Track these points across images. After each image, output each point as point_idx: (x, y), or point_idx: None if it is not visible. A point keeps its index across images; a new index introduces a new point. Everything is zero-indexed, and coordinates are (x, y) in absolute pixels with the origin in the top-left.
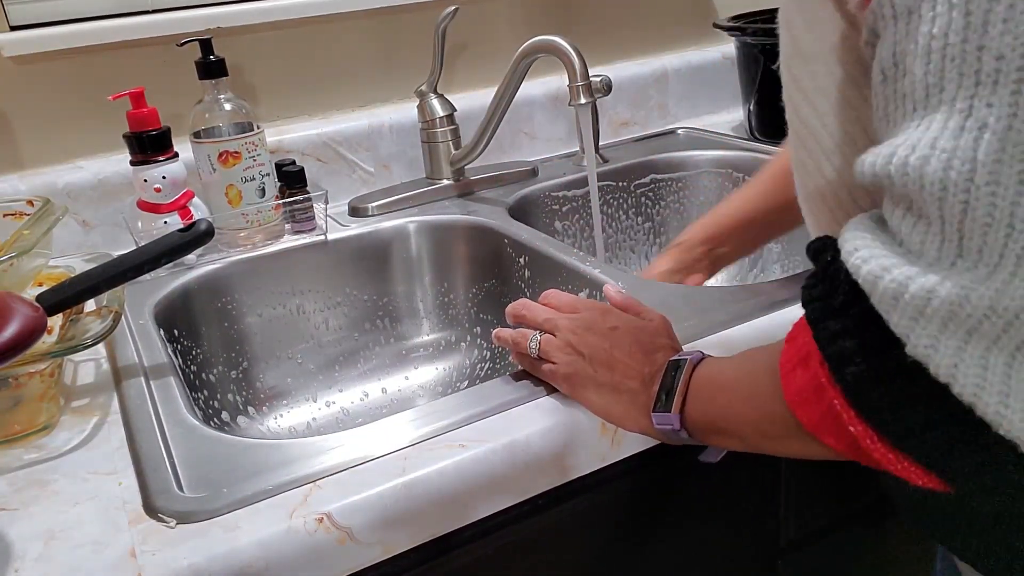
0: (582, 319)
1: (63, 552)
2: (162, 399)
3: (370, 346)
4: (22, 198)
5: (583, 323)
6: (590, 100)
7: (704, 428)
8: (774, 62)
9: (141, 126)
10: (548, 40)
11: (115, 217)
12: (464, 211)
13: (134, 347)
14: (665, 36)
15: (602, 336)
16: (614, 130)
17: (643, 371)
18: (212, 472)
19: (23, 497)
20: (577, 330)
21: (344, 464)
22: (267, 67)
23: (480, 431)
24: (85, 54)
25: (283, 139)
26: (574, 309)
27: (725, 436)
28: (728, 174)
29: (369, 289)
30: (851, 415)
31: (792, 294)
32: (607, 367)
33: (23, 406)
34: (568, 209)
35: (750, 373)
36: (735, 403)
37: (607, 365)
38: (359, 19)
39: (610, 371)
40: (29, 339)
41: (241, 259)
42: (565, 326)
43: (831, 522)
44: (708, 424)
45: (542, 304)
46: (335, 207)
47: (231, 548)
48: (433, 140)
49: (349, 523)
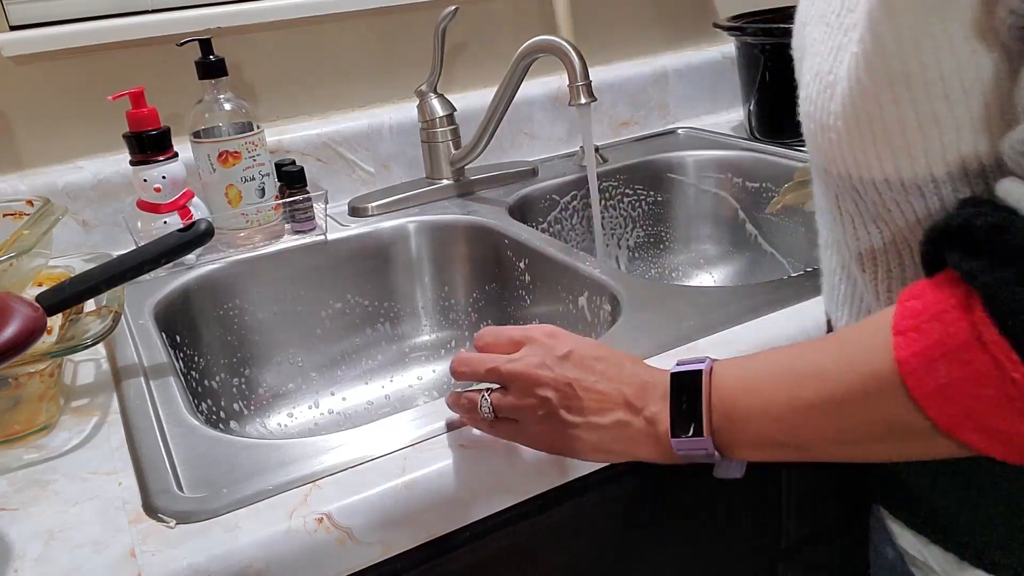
0: (529, 357)
1: (63, 552)
2: (162, 399)
3: (370, 346)
4: (22, 198)
5: (532, 361)
6: (590, 100)
7: (744, 444)
8: (774, 62)
9: (141, 126)
10: (548, 40)
11: (115, 217)
12: (464, 211)
13: (134, 347)
14: (665, 36)
15: (558, 367)
16: (614, 130)
17: (623, 392)
18: (212, 472)
19: (23, 497)
20: (528, 372)
21: (344, 464)
22: (267, 67)
23: (480, 431)
24: (85, 54)
25: (283, 139)
26: (514, 345)
27: (774, 449)
28: (728, 177)
29: (369, 289)
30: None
31: (792, 294)
32: (578, 403)
33: (23, 406)
34: (568, 209)
35: (813, 372)
36: (795, 410)
37: (577, 400)
38: (359, 19)
39: (584, 407)
40: (29, 339)
41: (241, 259)
42: (513, 371)
43: (833, 524)
44: (751, 439)
45: (479, 349)
46: (335, 207)
47: (231, 548)
48: (433, 140)
49: (349, 523)
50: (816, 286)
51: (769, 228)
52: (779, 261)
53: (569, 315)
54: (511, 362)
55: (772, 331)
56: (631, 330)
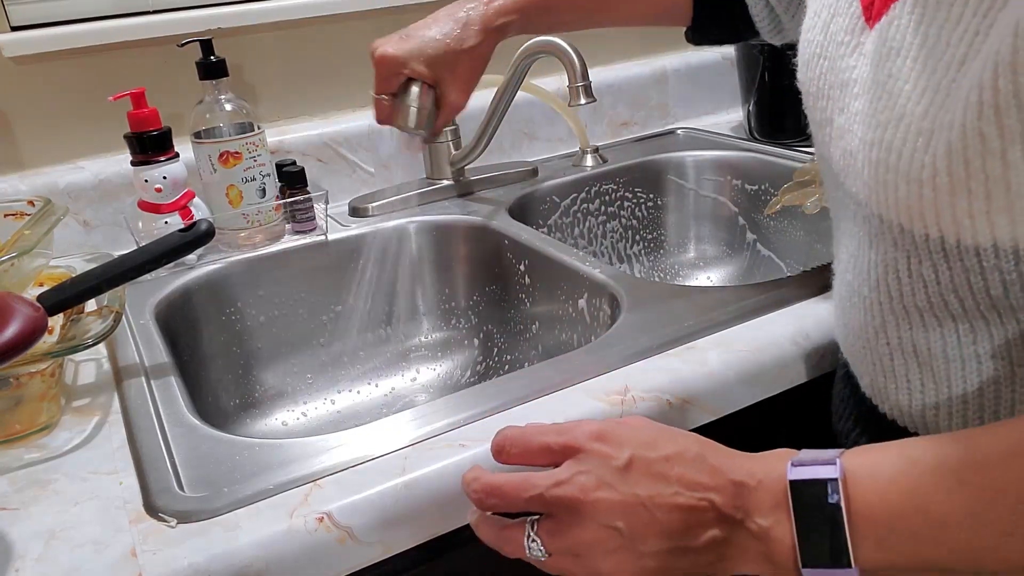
0: (580, 476)
1: (64, 552)
2: (163, 399)
3: (370, 346)
4: (23, 198)
5: (586, 482)
6: (590, 101)
7: (898, 568)
8: (773, 63)
9: (142, 126)
10: (548, 40)
11: (116, 217)
12: (464, 211)
13: (135, 347)
14: (665, 36)
15: (623, 484)
16: (614, 130)
17: (713, 501)
18: (212, 472)
19: (24, 497)
20: (585, 498)
21: (344, 464)
22: (267, 67)
23: (480, 431)
24: (86, 54)
25: (283, 139)
26: (551, 455)
27: (936, 573)
28: (727, 180)
29: (369, 289)
30: None
31: (792, 294)
32: (657, 526)
33: (24, 406)
34: (569, 214)
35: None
36: (978, 528)
37: (656, 524)
38: (359, 19)
39: (667, 529)
40: (30, 339)
41: (241, 259)
42: (564, 498)
43: None
44: (910, 566)
45: (502, 462)
46: (335, 207)
47: (231, 548)
48: (433, 140)
49: (349, 523)
50: (816, 286)
51: (768, 233)
52: (776, 264)
53: (569, 315)
54: (558, 485)
55: (772, 331)
56: (631, 330)
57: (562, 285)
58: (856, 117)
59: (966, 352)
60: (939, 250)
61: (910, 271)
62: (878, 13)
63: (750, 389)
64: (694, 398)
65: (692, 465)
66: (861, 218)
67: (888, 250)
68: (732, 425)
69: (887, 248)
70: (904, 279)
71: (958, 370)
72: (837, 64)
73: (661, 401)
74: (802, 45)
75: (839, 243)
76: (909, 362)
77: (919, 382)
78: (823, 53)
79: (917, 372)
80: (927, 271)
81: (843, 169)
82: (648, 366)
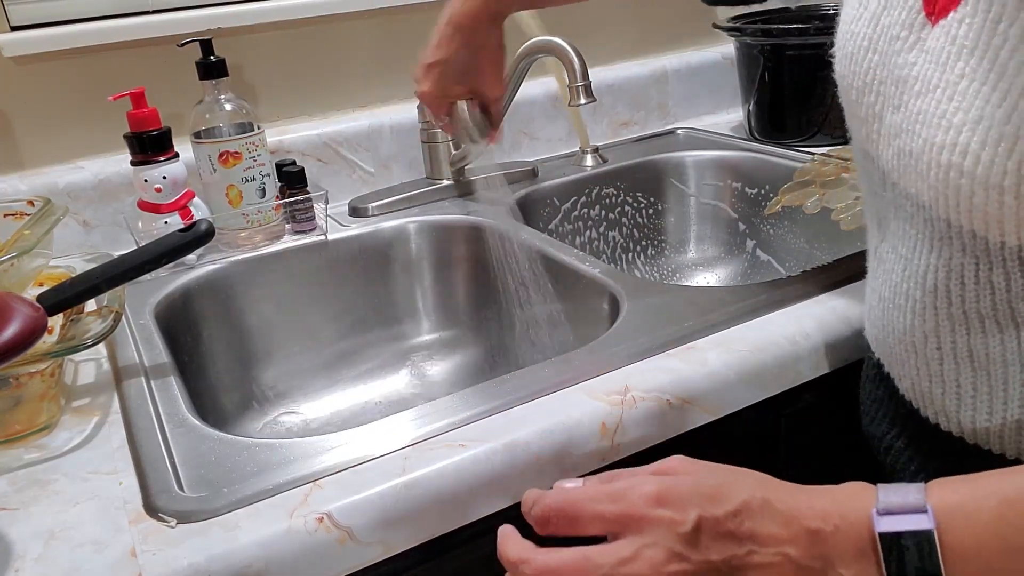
0: (646, 550)
1: (63, 552)
2: (162, 399)
3: (370, 346)
4: (23, 198)
5: (655, 557)
6: (590, 100)
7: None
8: (773, 62)
9: (141, 126)
10: (548, 40)
11: (115, 217)
12: (464, 211)
13: (134, 347)
14: (665, 36)
15: (695, 553)
16: (614, 130)
17: (789, 555)
18: (212, 472)
19: (23, 497)
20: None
21: (344, 464)
22: (267, 67)
23: (480, 431)
24: (85, 54)
25: (283, 139)
26: (605, 524)
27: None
28: (727, 183)
29: (369, 289)
30: None
31: (792, 294)
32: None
33: (24, 406)
34: (569, 218)
35: None
36: None
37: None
38: (359, 19)
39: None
40: (30, 339)
41: (241, 259)
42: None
43: None
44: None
45: (549, 533)
46: (335, 207)
47: (231, 548)
48: (433, 140)
49: (349, 523)
50: (815, 285)
51: (767, 236)
52: (775, 269)
53: (569, 315)
54: (624, 563)
55: (772, 331)
56: (631, 330)
57: (562, 285)
58: (919, 117)
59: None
60: (1015, 258)
61: (977, 277)
62: (943, 9)
63: (750, 389)
64: (694, 398)
65: (762, 517)
66: (921, 220)
67: (954, 255)
68: (732, 425)
69: (953, 253)
70: (970, 284)
71: (1016, 374)
72: (892, 60)
73: (661, 401)
74: (843, 37)
75: (883, 243)
76: (962, 366)
77: (971, 387)
78: (872, 47)
79: (970, 377)
80: (997, 278)
81: (897, 169)
82: (648, 366)
